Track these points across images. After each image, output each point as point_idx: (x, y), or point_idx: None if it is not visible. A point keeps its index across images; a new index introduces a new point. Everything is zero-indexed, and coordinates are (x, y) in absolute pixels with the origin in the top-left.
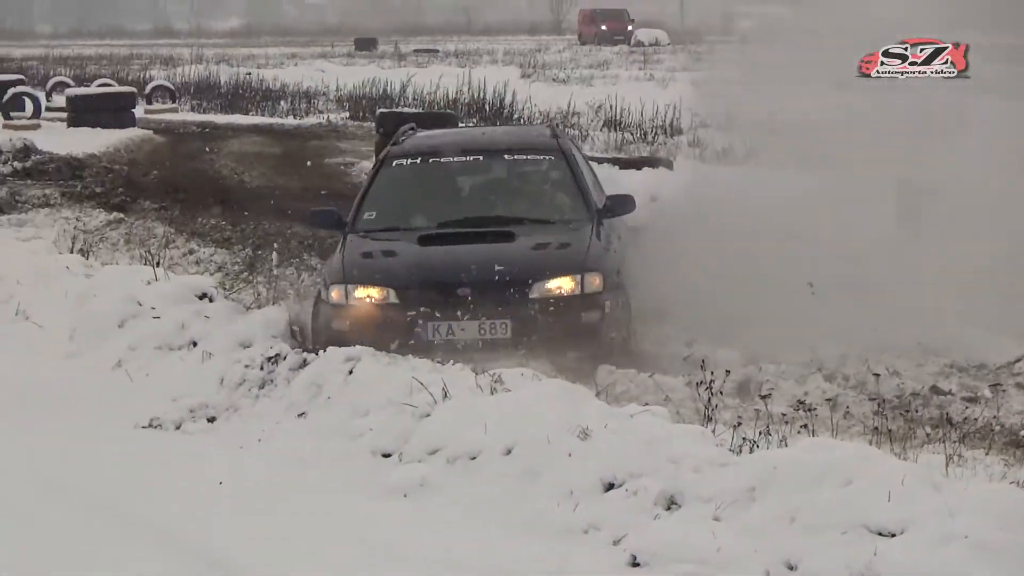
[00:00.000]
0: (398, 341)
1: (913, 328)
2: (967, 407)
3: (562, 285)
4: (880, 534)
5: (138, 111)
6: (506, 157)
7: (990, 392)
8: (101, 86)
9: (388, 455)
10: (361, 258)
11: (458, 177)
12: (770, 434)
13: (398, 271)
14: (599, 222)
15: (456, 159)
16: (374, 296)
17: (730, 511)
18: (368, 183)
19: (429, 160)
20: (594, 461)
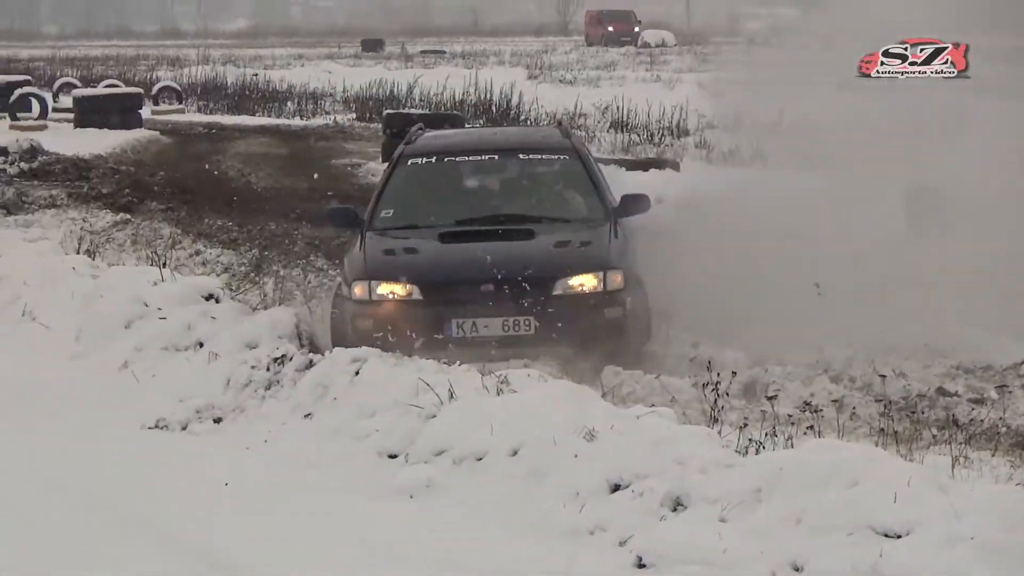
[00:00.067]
0: (422, 337)
1: (919, 329)
2: (973, 408)
3: (585, 282)
4: (886, 535)
5: (145, 112)
6: (521, 156)
7: (996, 393)
8: (108, 87)
9: (394, 456)
10: (383, 255)
11: (474, 176)
12: (776, 435)
13: (422, 267)
14: (616, 221)
15: (471, 158)
16: (398, 292)
17: (736, 512)
18: (384, 182)
19: (444, 159)
20: (600, 462)
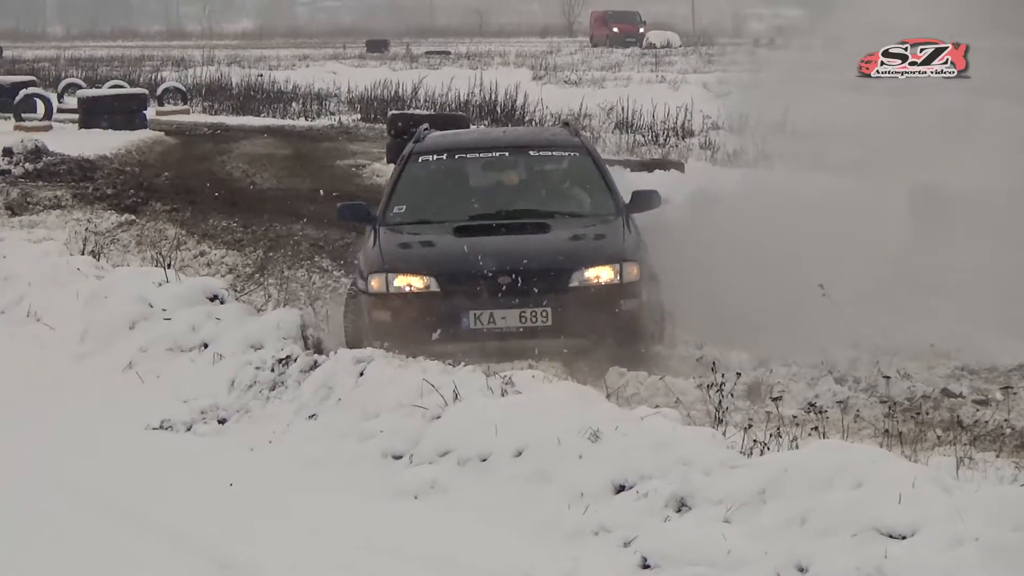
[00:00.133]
0: (439, 329)
1: (924, 330)
2: (978, 410)
3: (601, 274)
4: (891, 536)
5: (149, 113)
6: (531, 153)
7: (1001, 395)
8: (113, 88)
9: (399, 457)
10: (399, 248)
11: (485, 172)
12: (781, 436)
13: (438, 260)
14: (628, 216)
15: (482, 155)
16: (415, 285)
17: (741, 513)
18: (395, 178)
19: (455, 156)
20: (605, 463)
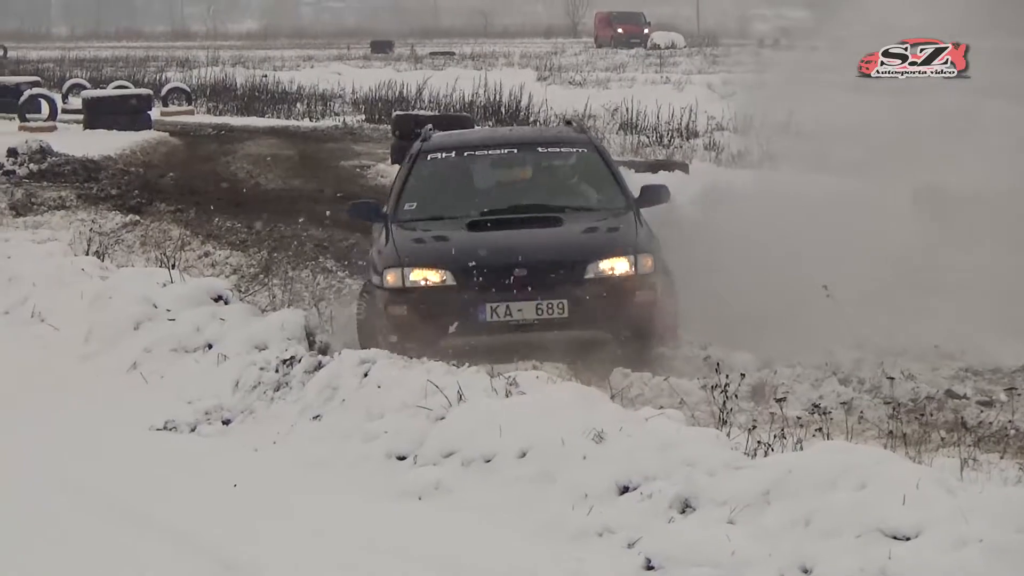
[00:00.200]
0: (456, 322)
1: (928, 331)
2: (982, 411)
3: (616, 265)
4: (895, 538)
5: (154, 113)
6: (539, 150)
7: (1005, 396)
8: (117, 88)
9: (403, 458)
10: (413, 243)
11: (494, 169)
12: (785, 437)
13: (454, 254)
14: (638, 210)
15: (491, 152)
16: (431, 278)
17: (745, 514)
18: (405, 176)
19: (464, 154)
20: (609, 464)
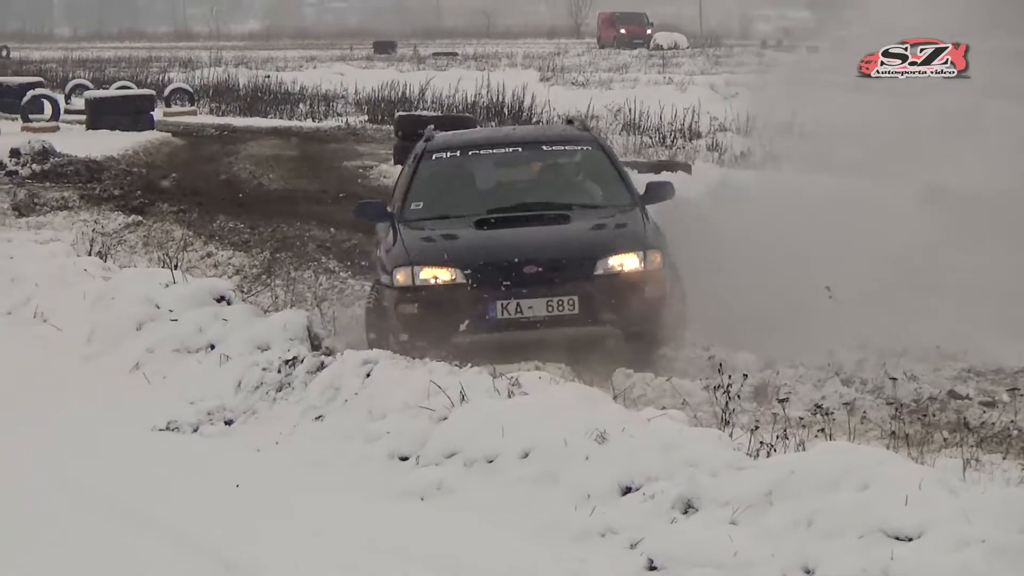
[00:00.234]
0: (467, 320)
1: (930, 332)
2: (984, 411)
3: (626, 261)
4: (897, 538)
5: (156, 114)
6: (544, 148)
7: (1007, 396)
8: (120, 89)
9: (405, 458)
10: (422, 242)
11: (500, 167)
12: (787, 438)
13: (464, 251)
14: (644, 207)
15: (496, 151)
16: (441, 277)
17: (747, 515)
18: (410, 176)
19: (469, 153)
20: (611, 465)
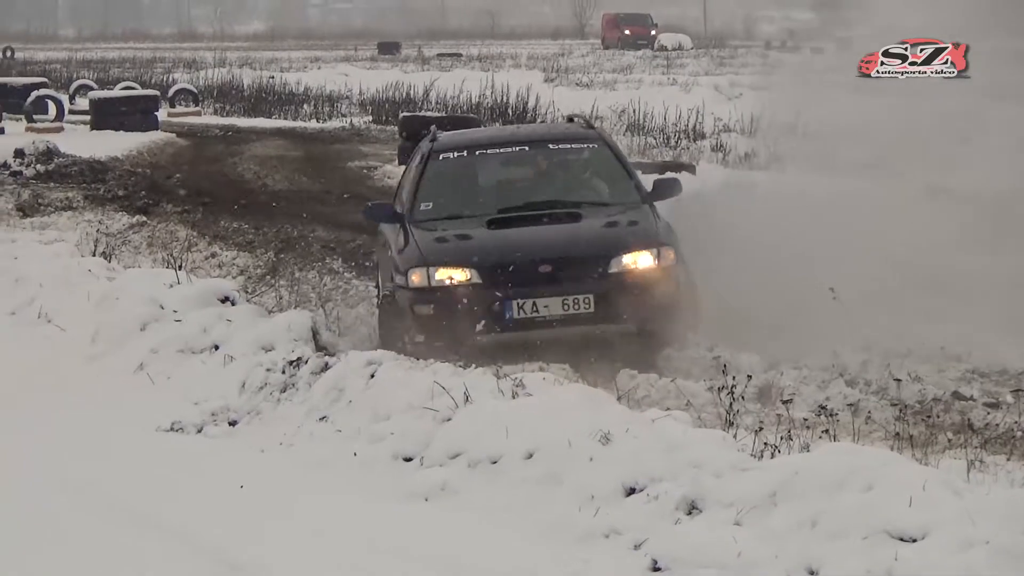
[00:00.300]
0: (483, 319)
1: (934, 333)
2: (989, 413)
3: (640, 259)
4: (901, 539)
5: (161, 114)
6: (551, 146)
7: (1012, 398)
8: (124, 89)
9: (409, 459)
10: (436, 243)
11: (508, 167)
12: (792, 439)
13: (478, 251)
14: (653, 204)
15: (503, 150)
16: (456, 277)
17: (751, 516)
18: (418, 176)
19: (476, 152)
20: (615, 466)
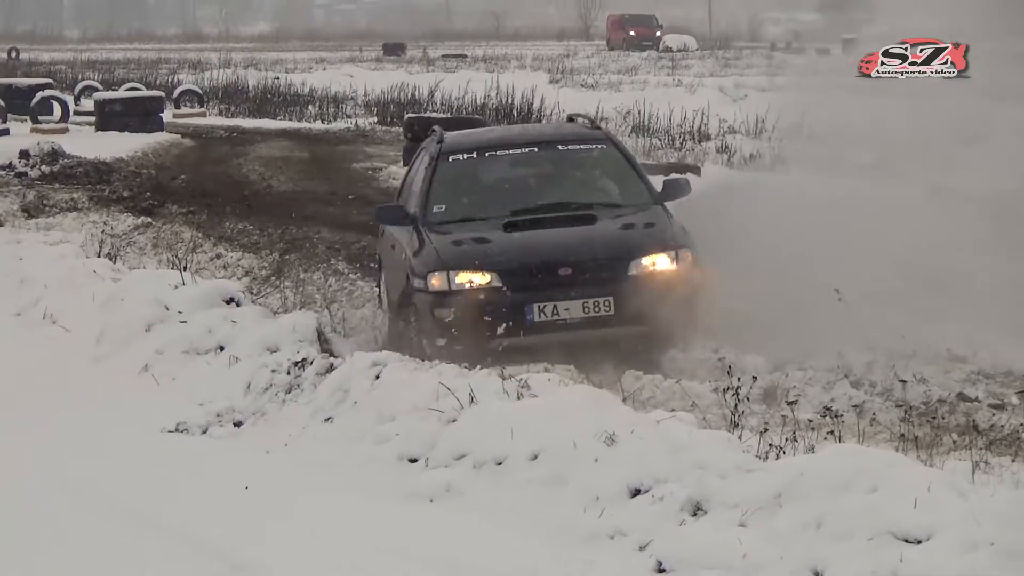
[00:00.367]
0: (504, 323)
1: (940, 334)
2: (994, 414)
3: (658, 261)
4: (906, 540)
5: (166, 115)
6: (560, 147)
7: (1017, 399)
8: (129, 90)
9: (414, 460)
10: (453, 246)
11: (518, 168)
12: (796, 440)
13: (498, 255)
14: (664, 205)
15: (512, 151)
16: (476, 281)
17: (756, 517)
18: (428, 179)
19: (485, 154)
20: (620, 467)
